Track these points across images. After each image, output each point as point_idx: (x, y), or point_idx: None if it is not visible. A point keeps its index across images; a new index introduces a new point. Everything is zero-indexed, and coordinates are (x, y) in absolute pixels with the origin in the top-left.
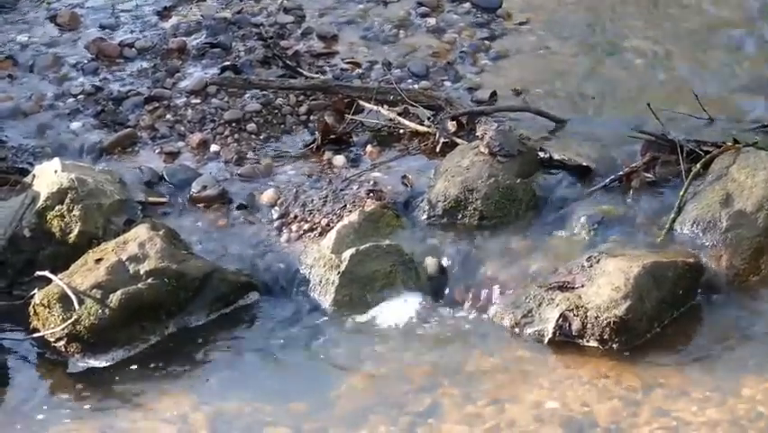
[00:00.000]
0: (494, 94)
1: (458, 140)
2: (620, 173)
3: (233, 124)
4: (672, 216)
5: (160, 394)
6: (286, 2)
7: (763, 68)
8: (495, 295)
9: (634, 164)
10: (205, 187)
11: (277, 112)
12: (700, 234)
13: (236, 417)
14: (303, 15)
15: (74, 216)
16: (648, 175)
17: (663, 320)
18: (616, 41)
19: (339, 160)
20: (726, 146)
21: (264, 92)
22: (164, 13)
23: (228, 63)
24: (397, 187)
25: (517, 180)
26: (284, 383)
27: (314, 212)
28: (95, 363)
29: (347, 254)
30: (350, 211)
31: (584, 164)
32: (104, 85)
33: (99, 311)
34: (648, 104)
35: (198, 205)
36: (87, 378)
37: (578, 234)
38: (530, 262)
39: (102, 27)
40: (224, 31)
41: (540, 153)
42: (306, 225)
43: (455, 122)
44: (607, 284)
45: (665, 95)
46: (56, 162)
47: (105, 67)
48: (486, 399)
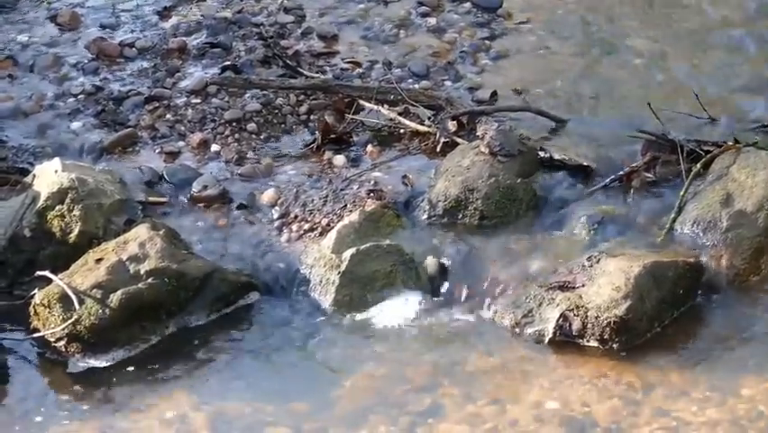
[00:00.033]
0: (494, 94)
1: (458, 140)
2: (620, 173)
3: (233, 123)
4: (673, 215)
5: (161, 394)
6: (286, 2)
7: (763, 68)
8: (495, 295)
9: (634, 164)
10: (205, 186)
11: (277, 112)
12: (701, 234)
13: (236, 417)
14: (303, 15)
15: (74, 215)
16: (648, 175)
17: (664, 320)
18: (616, 40)
19: (339, 159)
20: (727, 146)
21: (264, 92)
22: (164, 13)
23: (228, 63)
24: (397, 186)
25: (518, 180)
26: (284, 383)
27: (314, 212)
28: (95, 363)
29: (347, 254)
30: (350, 211)
31: (585, 164)
32: (104, 85)
33: (99, 311)
34: (648, 103)
35: (199, 205)
36: (87, 378)
37: (578, 234)
38: (530, 261)
39: (102, 27)
40: (224, 30)
41: (540, 153)
42: (307, 225)
43: (456, 121)
44: (607, 284)
45: (665, 94)
46: (56, 162)
47: (106, 66)
48: (486, 399)
